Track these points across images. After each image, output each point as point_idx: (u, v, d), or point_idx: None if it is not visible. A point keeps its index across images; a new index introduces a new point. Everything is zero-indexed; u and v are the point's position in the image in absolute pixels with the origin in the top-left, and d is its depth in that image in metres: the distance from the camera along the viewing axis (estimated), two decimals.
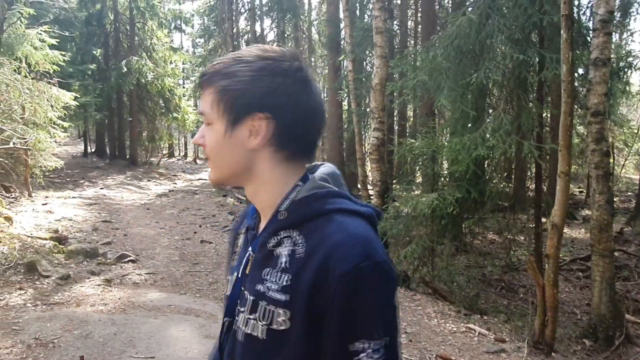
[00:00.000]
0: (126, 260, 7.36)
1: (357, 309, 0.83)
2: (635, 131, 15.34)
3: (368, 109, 9.09)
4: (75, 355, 3.98)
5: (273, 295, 0.90)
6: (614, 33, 12.70)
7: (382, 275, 0.84)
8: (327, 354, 0.85)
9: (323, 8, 22.20)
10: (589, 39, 5.71)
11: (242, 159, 0.94)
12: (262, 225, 1.00)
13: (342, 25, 13.09)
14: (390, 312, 0.86)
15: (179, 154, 34.79)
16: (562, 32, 4.63)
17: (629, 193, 16.68)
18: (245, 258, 1.00)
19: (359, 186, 11.06)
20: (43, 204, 10.95)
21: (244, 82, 0.91)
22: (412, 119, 16.97)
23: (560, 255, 7.98)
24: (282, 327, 0.88)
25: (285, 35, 21.55)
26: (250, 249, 1.00)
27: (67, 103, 11.94)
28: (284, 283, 0.89)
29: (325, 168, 0.99)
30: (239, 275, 1.01)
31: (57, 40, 12.27)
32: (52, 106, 11.44)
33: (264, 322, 0.90)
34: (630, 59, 10.19)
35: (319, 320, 0.85)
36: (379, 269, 0.84)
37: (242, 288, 0.98)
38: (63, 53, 12.26)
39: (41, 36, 11.44)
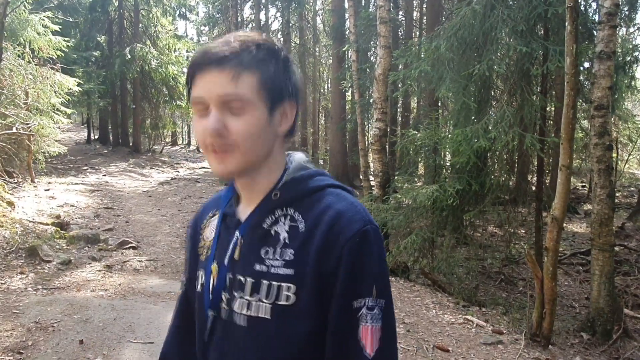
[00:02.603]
0: (127, 246, 7.40)
1: (361, 268, 0.89)
2: None
3: (371, 100, 9.06)
4: (75, 339, 4.01)
5: (277, 271, 0.92)
6: (620, 27, 12.62)
7: (380, 239, 0.93)
8: (332, 312, 0.90)
9: None
10: (594, 32, 5.67)
11: (271, 144, 0.96)
12: (244, 210, 1.01)
13: (346, 15, 13.01)
14: (387, 273, 0.94)
15: (182, 142, 34.80)
16: (566, 24, 4.59)
17: (632, 188, 16.64)
18: (233, 244, 0.99)
19: (361, 177, 11.05)
20: (45, 190, 10.98)
21: (280, 70, 0.94)
22: (415, 110, 16.92)
23: (561, 249, 7.99)
24: (289, 302, 0.90)
25: (290, 24, 21.45)
26: (237, 234, 0.99)
27: (70, 89, 11.94)
28: (288, 258, 0.92)
29: (300, 154, 1.05)
30: (225, 264, 1.00)
31: (61, 26, 12.25)
32: (55, 92, 11.45)
33: (268, 301, 0.92)
34: (636, 53, 10.15)
35: (327, 285, 0.90)
36: (378, 233, 0.93)
37: (231, 275, 0.98)
38: (67, 39, 12.24)
39: (44, 22, 11.41)
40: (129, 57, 19.50)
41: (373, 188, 7.98)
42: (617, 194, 14.36)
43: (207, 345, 1.02)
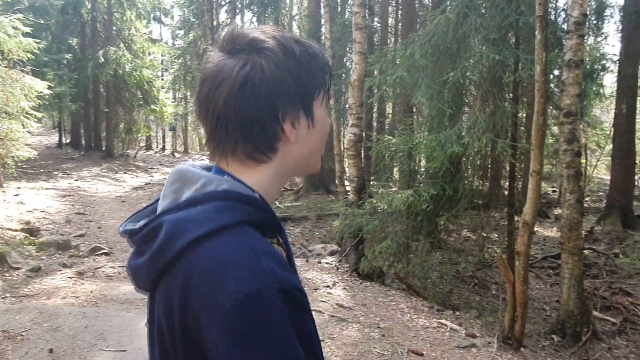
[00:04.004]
0: (99, 252, 7.28)
1: None
2: (608, 132, 15.67)
3: (347, 105, 9.11)
4: (44, 348, 3.93)
5: None
6: (589, 36, 12.99)
7: None
8: None
9: (304, 3, 22.16)
10: (564, 40, 5.81)
11: None
12: None
13: (322, 20, 13.07)
14: None
15: (157, 147, 34.39)
16: (536, 33, 4.71)
17: (600, 193, 17.05)
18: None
19: (336, 182, 11.08)
20: (15, 195, 10.73)
21: None
22: (390, 116, 17.07)
23: (532, 253, 8.12)
24: None
25: None
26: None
27: (41, 92, 11.70)
28: None
29: None
30: None
31: (32, 28, 12.00)
32: (25, 95, 11.20)
33: None
34: (603, 61, 10.46)
35: None
36: None
37: None
38: (37, 41, 11.99)
39: (15, 23, 11.17)
40: (102, 60, 19.20)
41: (348, 193, 8.01)
42: (586, 199, 14.70)
43: None
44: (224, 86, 0.82)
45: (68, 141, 24.18)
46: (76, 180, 15.44)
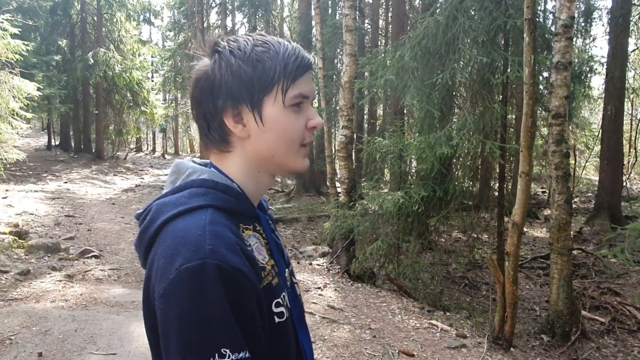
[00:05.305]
0: (89, 255, 7.23)
1: None
2: (596, 134, 15.83)
3: (337, 107, 9.12)
4: (34, 351, 3.90)
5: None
6: (576, 38, 13.11)
7: None
8: None
9: (295, 5, 22.17)
10: (552, 43, 5.86)
11: None
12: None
13: (313, 22, 13.09)
14: None
15: (147, 149, 34.23)
16: (525, 35, 4.74)
17: (589, 194, 17.20)
18: (279, 240, 1.04)
19: (327, 183, 11.09)
20: (3, 198, 10.64)
21: None
22: (381, 118, 17.12)
23: (522, 254, 8.18)
24: None
25: (257, 30, 21.39)
26: (273, 226, 1.06)
27: (29, 94, 11.60)
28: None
29: None
30: (287, 261, 1.04)
31: (20, 29, 11.90)
32: (13, 97, 11.11)
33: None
34: (591, 63, 10.56)
35: None
36: None
37: (289, 269, 1.04)
38: (26, 42, 11.88)
39: (3, 25, 11.07)
40: (92, 61, 19.08)
41: (339, 194, 8.02)
42: (574, 200, 14.82)
43: (303, 341, 1.01)
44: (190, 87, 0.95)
45: (57, 143, 24.02)
46: (65, 182, 15.33)
